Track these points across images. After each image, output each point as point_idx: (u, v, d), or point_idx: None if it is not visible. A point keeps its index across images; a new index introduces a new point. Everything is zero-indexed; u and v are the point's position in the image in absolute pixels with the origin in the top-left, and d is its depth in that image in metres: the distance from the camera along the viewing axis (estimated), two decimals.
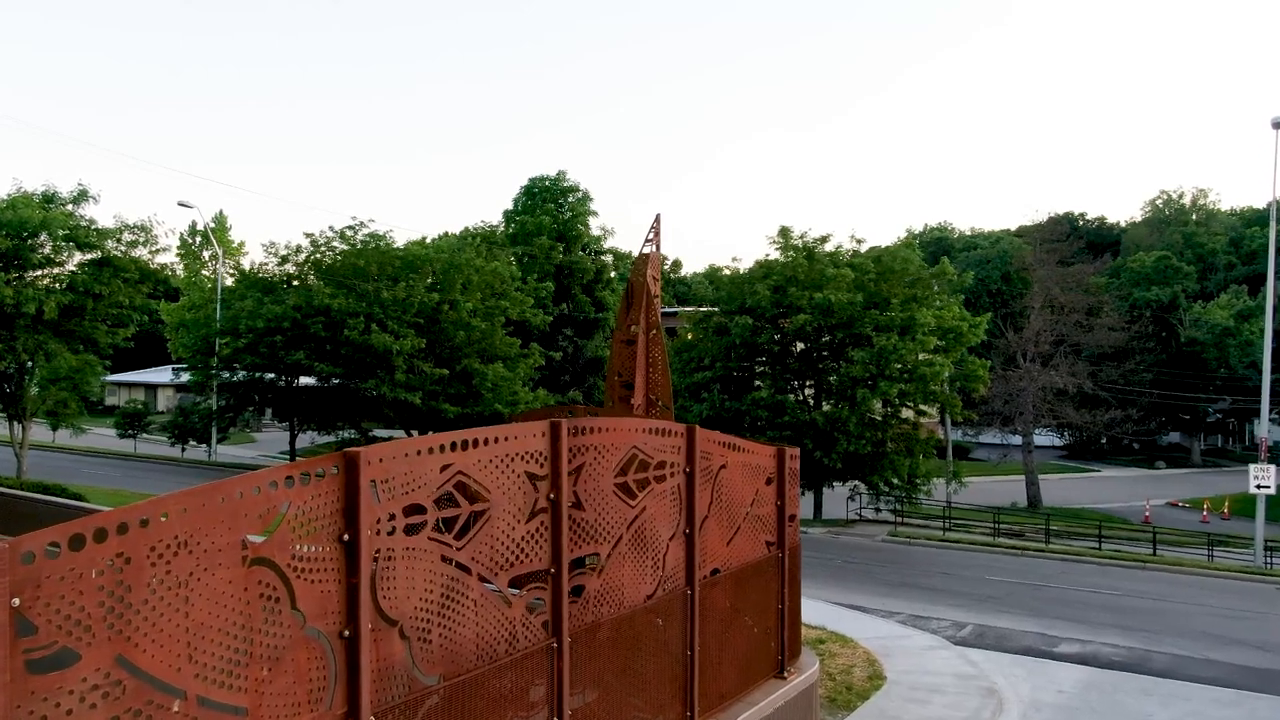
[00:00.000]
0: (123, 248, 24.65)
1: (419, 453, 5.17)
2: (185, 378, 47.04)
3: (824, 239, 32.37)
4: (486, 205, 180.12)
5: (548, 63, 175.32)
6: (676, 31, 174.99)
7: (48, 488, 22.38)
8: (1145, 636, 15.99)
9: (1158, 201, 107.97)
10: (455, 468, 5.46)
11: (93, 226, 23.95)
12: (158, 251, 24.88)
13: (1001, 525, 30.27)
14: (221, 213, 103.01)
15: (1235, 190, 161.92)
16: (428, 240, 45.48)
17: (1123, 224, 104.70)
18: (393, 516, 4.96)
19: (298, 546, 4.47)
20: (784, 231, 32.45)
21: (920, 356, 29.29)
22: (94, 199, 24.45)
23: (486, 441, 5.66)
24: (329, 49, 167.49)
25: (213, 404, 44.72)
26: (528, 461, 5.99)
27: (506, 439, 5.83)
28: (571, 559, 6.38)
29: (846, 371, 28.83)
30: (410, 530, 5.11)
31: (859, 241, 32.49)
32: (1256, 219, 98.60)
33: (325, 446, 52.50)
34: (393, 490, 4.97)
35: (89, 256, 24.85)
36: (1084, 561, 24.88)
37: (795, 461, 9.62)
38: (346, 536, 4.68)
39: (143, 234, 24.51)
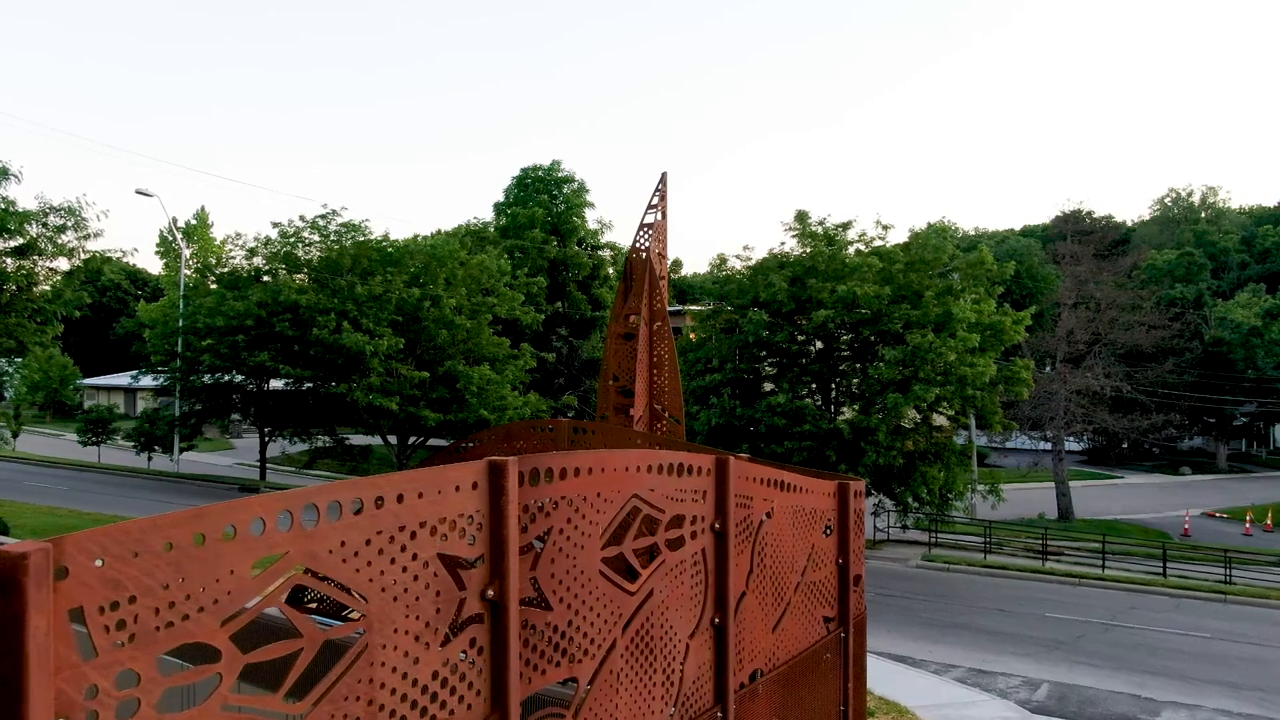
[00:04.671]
0: (49, 233, 22.07)
1: (200, 540, 2.62)
2: (145, 381, 44.53)
3: (846, 225, 29.82)
4: (485, 206, 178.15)
5: (548, 65, 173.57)
6: (677, 34, 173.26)
7: None
8: (1260, 699, 13.45)
9: (1167, 200, 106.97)
10: (291, 559, 2.94)
11: (11, 209, 21.38)
12: (87, 237, 22.27)
13: (1049, 546, 27.68)
14: (203, 209, 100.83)
15: (1243, 189, 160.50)
16: (419, 239, 43.09)
17: (1130, 223, 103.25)
18: (136, 679, 2.43)
19: None
20: (801, 216, 29.88)
21: (952, 357, 26.75)
22: (16, 177, 21.89)
23: (360, 508, 3.12)
24: (327, 50, 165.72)
25: (175, 410, 42.20)
26: (444, 535, 3.44)
27: (402, 498, 3.29)
28: (528, 695, 3.86)
29: (875, 373, 26.25)
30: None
31: (885, 228, 29.95)
32: (1268, 217, 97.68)
33: (303, 454, 50.18)
34: (135, 625, 2.45)
35: (12, 243, 22.29)
36: (1152, 592, 22.32)
37: (861, 500, 7.09)
38: None
39: (70, 217, 21.93)
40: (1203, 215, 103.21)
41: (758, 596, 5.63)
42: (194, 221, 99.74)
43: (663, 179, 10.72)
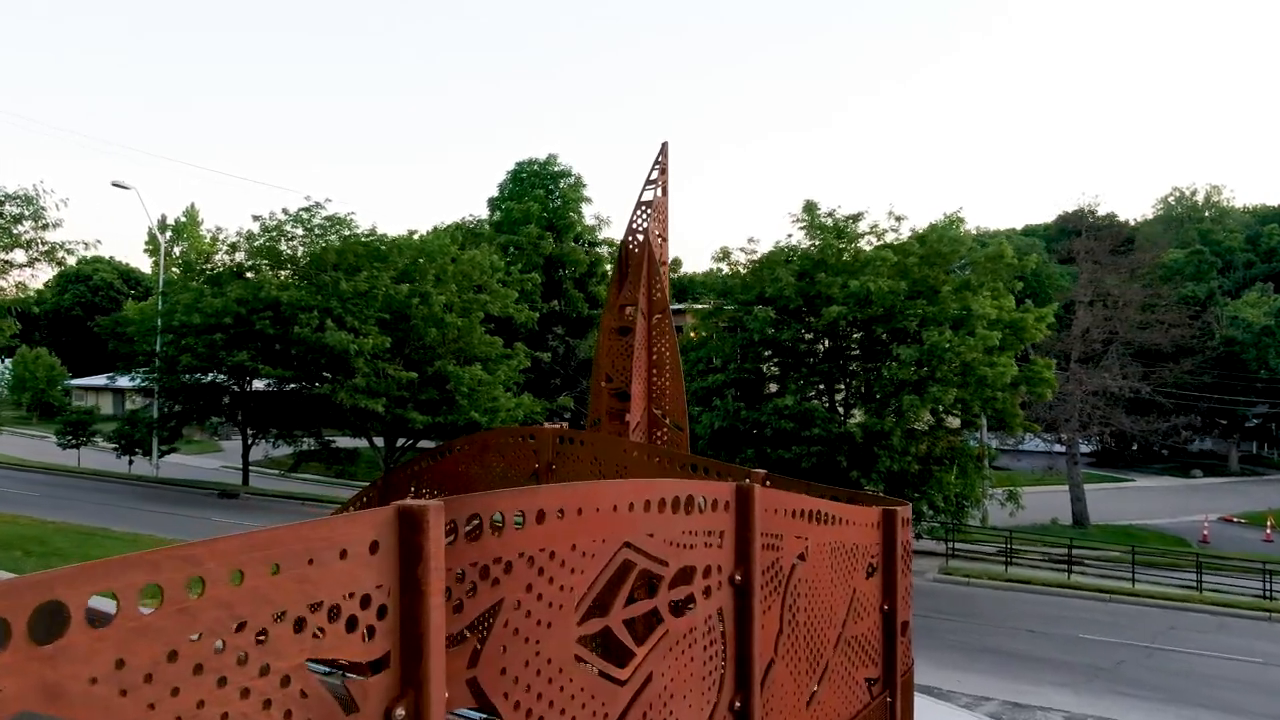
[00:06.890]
0: (5, 223, 20.86)
1: None
2: (122, 381, 43.39)
3: (856, 217, 28.61)
4: (482, 204, 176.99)
5: (548, 64, 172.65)
6: (677, 34, 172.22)
7: None
8: None
9: (1170, 198, 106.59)
10: (9, 699, 1.70)
11: None
12: (45, 227, 21.06)
13: (1073, 555, 26.40)
14: (193, 206, 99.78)
15: (1246, 187, 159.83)
16: (414, 236, 42.00)
17: (1132, 222, 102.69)
18: None
19: None
20: (809, 208, 28.65)
21: (970, 356, 25.55)
22: None
23: (160, 599, 1.89)
24: (328, 50, 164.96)
25: (153, 411, 41.01)
26: (319, 631, 2.20)
27: (241, 576, 2.05)
28: None
29: (889, 374, 25.03)
30: None
31: (899, 219, 28.76)
32: (1272, 216, 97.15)
33: (288, 458, 49.01)
34: None
35: None
36: (1190, 609, 21.08)
37: (908, 530, 5.84)
38: None
39: (27, 206, 20.72)
40: (1206, 214, 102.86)
41: (789, 664, 4.38)
42: (184, 219, 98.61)
43: (663, 150, 9.46)
